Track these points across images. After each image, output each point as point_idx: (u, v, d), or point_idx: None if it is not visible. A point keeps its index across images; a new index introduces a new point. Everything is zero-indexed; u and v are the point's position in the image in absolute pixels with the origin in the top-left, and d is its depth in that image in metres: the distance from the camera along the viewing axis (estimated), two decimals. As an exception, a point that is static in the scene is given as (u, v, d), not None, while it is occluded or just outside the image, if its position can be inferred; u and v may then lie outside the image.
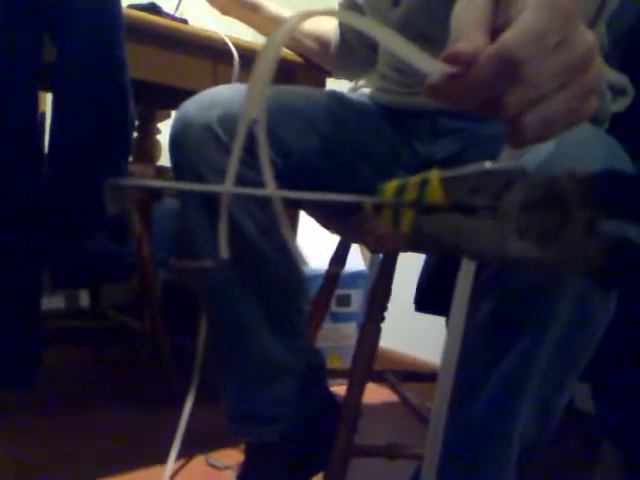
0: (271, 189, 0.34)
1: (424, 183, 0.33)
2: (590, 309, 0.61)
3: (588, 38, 0.37)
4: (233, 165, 0.35)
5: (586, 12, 0.50)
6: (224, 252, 0.35)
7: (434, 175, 0.33)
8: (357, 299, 1.69)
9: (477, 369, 0.66)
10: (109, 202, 0.31)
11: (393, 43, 0.35)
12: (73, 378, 1.55)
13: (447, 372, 0.48)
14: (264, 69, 0.33)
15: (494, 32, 0.37)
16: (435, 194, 0.32)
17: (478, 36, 0.36)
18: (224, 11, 1.18)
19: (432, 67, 0.36)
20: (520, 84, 0.34)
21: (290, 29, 0.34)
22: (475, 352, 0.65)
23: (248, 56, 1.11)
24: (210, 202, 0.80)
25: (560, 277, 0.58)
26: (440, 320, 1.24)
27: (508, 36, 0.35)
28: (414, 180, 0.33)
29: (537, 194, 0.30)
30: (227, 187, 0.35)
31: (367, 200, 0.34)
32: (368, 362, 0.90)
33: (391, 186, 0.34)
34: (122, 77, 0.90)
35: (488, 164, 0.32)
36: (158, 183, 0.63)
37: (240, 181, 0.34)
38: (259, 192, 0.36)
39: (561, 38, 0.35)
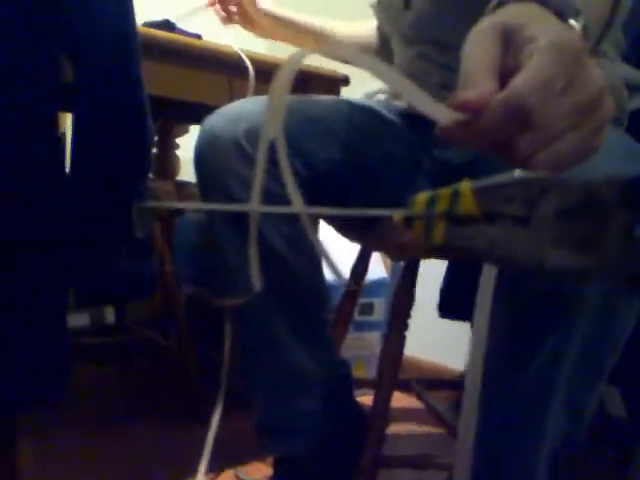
0: (298, 206, 0.35)
1: (455, 194, 0.33)
2: (614, 308, 0.60)
3: (596, 78, 0.37)
4: (258, 185, 0.35)
5: (599, 16, 0.50)
6: (257, 283, 0.36)
7: (465, 186, 0.33)
8: (380, 307, 1.68)
9: (503, 375, 0.65)
10: (137, 225, 0.32)
11: (405, 89, 0.35)
12: (99, 394, 1.57)
13: (473, 379, 0.48)
14: (280, 91, 0.33)
15: (504, 74, 0.38)
16: (467, 205, 0.32)
17: (487, 82, 0.37)
18: (262, 30, 1.19)
19: (443, 115, 0.36)
20: (530, 128, 0.35)
21: (304, 54, 0.35)
22: (500, 357, 0.65)
23: (263, 69, 1.11)
24: (239, 218, 0.81)
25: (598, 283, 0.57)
26: (465, 325, 1.23)
27: (517, 83, 0.35)
28: (445, 191, 0.33)
29: (573, 201, 0.30)
30: (254, 206, 0.35)
31: (399, 213, 0.33)
32: (393, 372, 0.89)
33: (422, 198, 0.33)
34: (140, 95, 0.91)
35: (519, 172, 0.31)
36: (186, 205, 0.63)
37: (266, 194, 0.34)
38: (287, 210, 0.37)
39: (570, 80, 0.36)
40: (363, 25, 1.20)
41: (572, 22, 0.42)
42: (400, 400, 1.48)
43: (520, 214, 0.31)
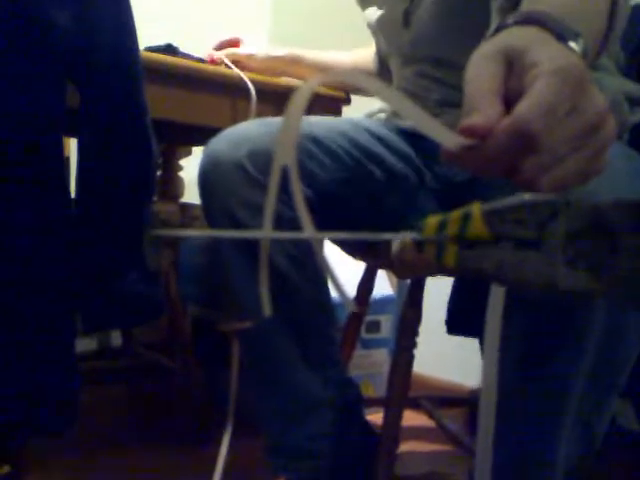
0: (309, 232, 0.35)
1: (466, 217, 0.33)
2: (625, 324, 0.60)
3: (599, 101, 0.38)
4: (269, 210, 0.35)
5: (597, 31, 0.51)
6: (267, 310, 0.36)
7: (475, 209, 0.33)
8: (387, 325, 1.67)
9: (515, 393, 0.65)
10: (149, 255, 0.32)
11: (412, 114, 0.35)
12: (107, 417, 1.56)
13: (488, 399, 0.47)
14: (294, 118, 0.33)
15: (507, 96, 0.38)
16: (477, 228, 0.32)
17: (492, 107, 0.37)
18: (264, 72, 1.18)
19: (449, 139, 0.36)
20: (535, 152, 0.35)
21: (317, 81, 0.35)
22: (512, 376, 0.65)
23: (265, 91, 1.12)
24: (246, 242, 0.81)
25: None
26: (473, 342, 1.23)
27: (522, 108, 0.36)
28: (455, 214, 0.33)
29: (583, 223, 0.30)
30: (266, 232, 0.35)
31: (409, 236, 0.34)
32: (403, 391, 0.89)
33: (432, 221, 0.34)
34: (144, 120, 0.92)
35: (528, 195, 0.32)
36: (196, 232, 0.63)
37: (275, 217, 0.35)
38: (298, 236, 0.37)
39: (573, 105, 0.36)
40: (360, 53, 1.21)
41: (572, 44, 0.42)
42: (410, 418, 1.47)
43: (530, 237, 0.31)
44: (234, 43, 1.19)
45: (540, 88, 0.36)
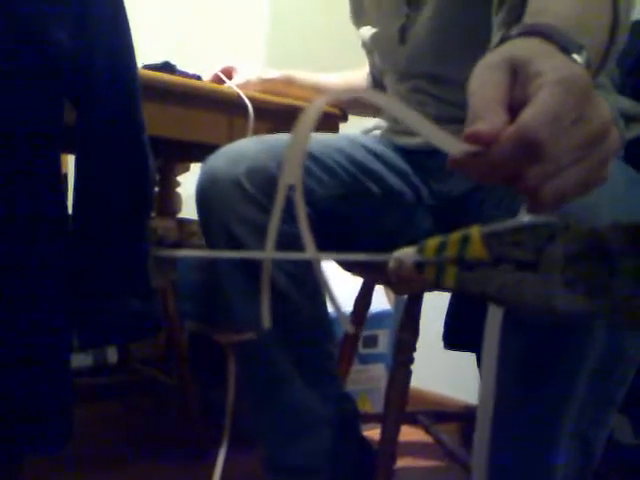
0: (311, 253, 0.35)
1: (465, 239, 0.33)
2: (624, 341, 0.60)
3: (603, 111, 0.38)
4: (273, 231, 0.35)
5: (597, 50, 0.51)
6: (266, 322, 0.36)
7: (474, 231, 0.33)
8: (384, 340, 1.67)
9: (512, 407, 0.65)
10: (154, 274, 0.32)
11: (416, 123, 0.36)
12: (102, 433, 1.55)
13: (484, 415, 0.48)
14: (301, 138, 0.34)
15: (511, 106, 0.39)
16: (476, 250, 0.33)
17: (497, 115, 0.37)
18: (260, 91, 1.19)
19: (454, 146, 0.37)
20: (539, 161, 0.36)
21: (324, 101, 0.36)
22: (509, 390, 0.65)
23: (262, 108, 1.13)
24: (246, 263, 0.81)
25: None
26: (470, 357, 1.23)
27: (526, 117, 0.36)
28: (455, 237, 0.34)
29: (581, 246, 0.31)
30: (268, 253, 0.35)
31: (409, 258, 0.34)
32: (400, 407, 0.89)
33: (432, 243, 0.34)
34: (141, 137, 0.93)
35: (527, 218, 0.32)
36: (199, 253, 0.64)
37: (267, 230, 0.35)
38: (300, 256, 0.37)
39: (578, 115, 0.37)
40: (349, 74, 1.23)
41: (575, 57, 0.43)
42: (407, 433, 1.46)
43: (529, 259, 0.31)
44: (228, 73, 1.20)
45: (545, 97, 0.36)
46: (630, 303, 0.30)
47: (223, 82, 1.18)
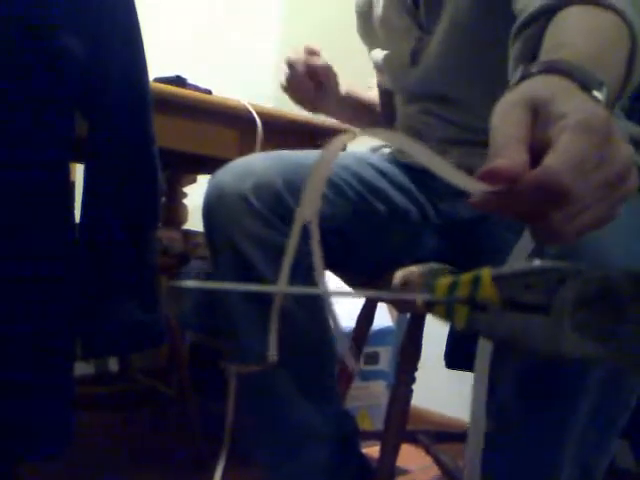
0: (324, 288, 0.35)
1: (476, 280, 0.34)
2: (622, 373, 0.60)
3: (625, 152, 0.39)
4: (287, 266, 0.36)
5: (613, 81, 0.51)
6: (274, 357, 0.36)
7: (485, 273, 0.34)
8: (385, 356, 1.67)
9: (511, 431, 0.65)
10: (169, 304, 0.33)
11: (435, 164, 0.36)
12: (102, 443, 1.55)
13: (476, 435, 0.48)
14: (320, 176, 0.34)
15: (531, 145, 0.39)
16: (487, 291, 0.33)
17: (517, 153, 0.38)
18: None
19: (474, 186, 0.37)
20: (564, 203, 0.36)
21: (346, 139, 0.37)
22: (508, 413, 0.65)
23: (271, 122, 1.14)
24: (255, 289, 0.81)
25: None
26: (472, 376, 1.22)
27: (552, 163, 0.36)
28: (466, 277, 0.34)
29: (591, 291, 0.31)
30: (281, 287, 0.36)
31: (420, 297, 0.34)
32: (400, 426, 0.89)
33: (443, 283, 0.35)
34: (151, 149, 0.93)
35: (538, 261, 0.33)
36: (216, 285, 0.64)
37: (272, 246, 0.35)
38: (311, 291, 0.38)
39: (601, 157, 0.37)
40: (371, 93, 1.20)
41: (596, 94, 0.43)
42: (407, 452, 1.46)
43: (539, 302, 0.32)
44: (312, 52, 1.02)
45: (568, 142, 0.37)
46: (636, 348, 0.30)
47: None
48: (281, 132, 1.18)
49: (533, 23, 0.60)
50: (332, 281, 1.17)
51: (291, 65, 0.96)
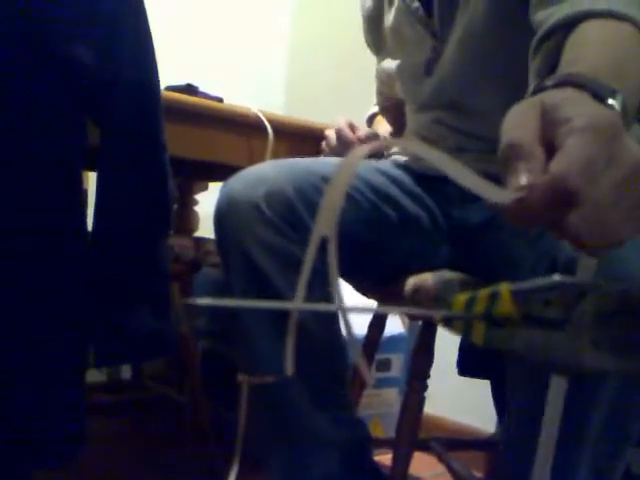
0: (339, 304, 0.35)
1: (494, 296, 0.33)
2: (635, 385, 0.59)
3: (634, 151, 0.38)
4: (303, 283, 0.35)
5: (632, 90, 0.51)
6: (289, 369, 0.36)
7: (504, 288, 0.33)
8: (397, 363, 1.66)
9: (524, 441, 0.64)
10: (181, 321, 0.33)
11: (461, 176, 0.36)
12: (114, 450, 1.55)
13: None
14: (337, 192, 0.34)
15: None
16: (505, 307, 0.33)
17: (538, 153, 0.38)
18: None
19: (498, 195, 0.37)
20: (578, 206, 0.36)
21: (364, 152, 0.36)
22: (522, 421, 0.64)
23: (281, 130, 1.14)
24: (265, 295, 0.81)
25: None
26: (484, 383, 1.21)
27: (559, 166, 0.36)
28: (484, 293, 0.34)
29: (610, 306, 0.31)
30: (297, 304, 0.36)
31: (438, 314, 0.34)
32: (413, 434, 0.88)
33: (461, 299, 0.34)
34: (163, 157, 0.94)
35: (558, 276, 0.32)
36: (231, 302, 0.64)
37: (283, 253, 0.35)
38: (327, 308, 0.37)
39: (609, 157, 0.37)
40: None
41: (611, 102, 0.43)
42: (419, 460, 1.45)
43: (558, 317, 0.31)
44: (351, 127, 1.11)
45: (574, 144, 0.37)
46: None
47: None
48: (292, 140, 1.18)
49: (552, 36, 0.61)
50: (342, 286, 1.17)
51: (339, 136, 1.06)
